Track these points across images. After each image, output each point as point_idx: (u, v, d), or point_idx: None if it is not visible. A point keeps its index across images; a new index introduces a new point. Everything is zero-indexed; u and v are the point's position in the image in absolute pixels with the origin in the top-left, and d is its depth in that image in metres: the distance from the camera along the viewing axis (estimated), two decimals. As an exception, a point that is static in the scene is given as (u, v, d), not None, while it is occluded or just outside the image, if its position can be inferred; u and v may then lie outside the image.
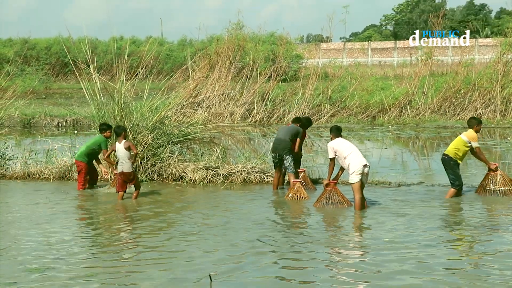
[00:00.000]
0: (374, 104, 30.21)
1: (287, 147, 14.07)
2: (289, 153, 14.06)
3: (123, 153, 13.21)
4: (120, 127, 13.57)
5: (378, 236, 10.12)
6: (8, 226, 10.88)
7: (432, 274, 8.05)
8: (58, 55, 59.84)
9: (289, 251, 9.24)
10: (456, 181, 13.05)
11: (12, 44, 62.49)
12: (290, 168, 14.04)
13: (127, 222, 11.42)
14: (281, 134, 14.37)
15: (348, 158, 12.01)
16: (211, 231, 10.47)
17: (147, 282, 7.85)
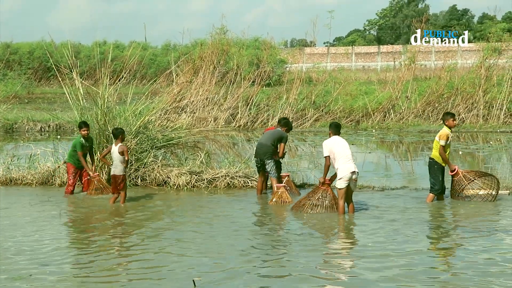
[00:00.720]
0: (358, 109, 30.32)
1: (268, 152, 14.05)
2: (270, 157, 14.03)
3: (117, 156, 13.19)
4: (118, 129, 13.53)
5: (362, 242, 10.15)
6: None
7: (414, 281, 8.07)
8: (41, 59, 59.60)
9: (272, 258, 9.24)
10: (435, 185, 13.11)
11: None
12: (272, 173, 14.03)
13: (112, 228, 11.37)
14: (263, 138, 14.35)
15: (338, 162, 11.98)
16: (195, 236, 10.45)
17: (130, 287, 7.83)
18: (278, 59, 42.99)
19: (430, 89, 30.50)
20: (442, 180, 13.13)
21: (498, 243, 9.86)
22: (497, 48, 30.45)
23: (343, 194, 11.96)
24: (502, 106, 28.87)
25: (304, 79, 32.52)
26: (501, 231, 10.62)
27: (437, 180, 13.07)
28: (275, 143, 14.09)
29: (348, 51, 77.88)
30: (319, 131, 28.51)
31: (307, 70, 40.43)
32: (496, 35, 31.47)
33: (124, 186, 13.31)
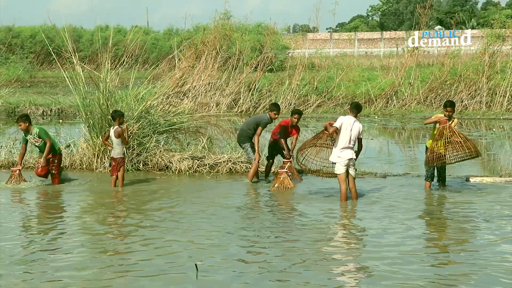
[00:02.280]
0: (360, 95, 30.26)
1: (242, 136, 14.12)
2: (245, 142, 14.06)
3: (114, 139, 13.23)
4: (116, 112, 13.54)
5: (364, 228, 10.17)
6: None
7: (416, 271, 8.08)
8: (43, 43, 59.39)
9: (274, 244, 9.24)
10: (427, 172, 13.08)
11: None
12: (250, 157, 14.05)
13: (113, 212, 11.40)
14: (244, 124, 14.48)
15: (338, 143, 11.97)
16: (196, 221, 10.45)
17: (132, 273, 7.84)
18: (280, 45, 42.87)
19: (433, 76, 30.41)
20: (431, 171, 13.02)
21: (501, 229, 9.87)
22: (501, 34, 30.31)
23: (343, 180, 11.94)
24: (506, 93, 28.78)
25: (306, 65, 32.45)
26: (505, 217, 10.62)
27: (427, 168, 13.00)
28: (252, 128, 14.03)
29: (351, 37, 77.65)
30: (322, 117, 28.46)
31: (309, 56, 40.36)
32: (500, 22, 31.29)
33: (122, 169, 13.29)
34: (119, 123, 13.32)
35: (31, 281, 7.52)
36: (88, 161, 15.40)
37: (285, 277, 7.66)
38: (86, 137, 15.76)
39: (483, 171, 15.56)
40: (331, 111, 29.13)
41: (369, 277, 7.67)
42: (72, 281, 7.49)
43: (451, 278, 7.65)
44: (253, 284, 7.44)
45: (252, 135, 14.03)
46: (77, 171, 15.23)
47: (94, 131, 15.21)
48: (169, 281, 7.53)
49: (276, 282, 7.51)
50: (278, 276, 7.70)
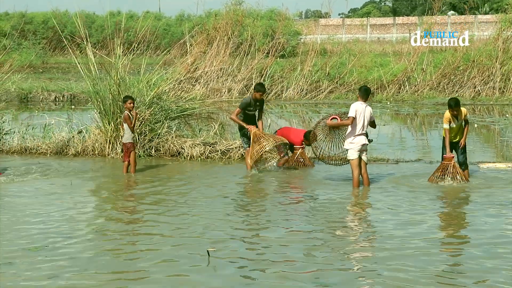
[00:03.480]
0: (372, 81, 30.11)
1: None
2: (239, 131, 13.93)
3: (124, 124, 13.25)
4: (125, 97, 13.55)
5: (375, 214, 10.15)
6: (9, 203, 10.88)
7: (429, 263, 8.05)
8: (55, 29, 59.46)
9: (287, 228, 9.24)
10: None
11: (8, 18, 62.06)
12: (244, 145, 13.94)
13: (123, 198, 11.44)
14: None
15: (352, 131, 11.93)
16: (209, 207, 10.46)
17: (142, 259, 7.85)
18: (292, 31, 42.67)
19: (445, 61, 30.20)
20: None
21: None
22: (514, 19, 30.06)
23: (356, 165, 11.90)
24: (519, 78, 28.58)
25: (318, 51, 32.32)
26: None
27: None
28: None
29: (363, 23, 77.23)
30: (333, 102, 28.40)
31: (321, 41, 40.21)
32: (514, 7, 31.03)
33: (132, 154, 13.25)
34: (128, 108, 13.27)
35: (41, 268, 7.54)
36: (100, 147, 15.41)
37: (292, 262, 7.65)
38: (98, 123, 15.77)
39: (495, 157, 15.47)
40: (343, 97, 29.04)
41: (378, 263, 7.64)
42: (83, 268, 7.50)
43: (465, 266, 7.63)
44: (265, 268, 7.43)
45: (242, 120, 13.73)
46: (89, 157, 15.26)
47: (106, 117, 15.21)
48: (180, 268, 7.52)
49: (285, 266, 7.50)
50: (285, 261, 7.69)
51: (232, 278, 7.19)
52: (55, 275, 7.24)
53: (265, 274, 7.31)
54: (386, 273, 7.28)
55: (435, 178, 12.37)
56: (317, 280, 7.05)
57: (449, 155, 12.41)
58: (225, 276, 7.23)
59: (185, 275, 7.27)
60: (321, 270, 7.37)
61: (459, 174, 12.22)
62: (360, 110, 11.92)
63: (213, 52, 30.76)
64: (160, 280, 7.10)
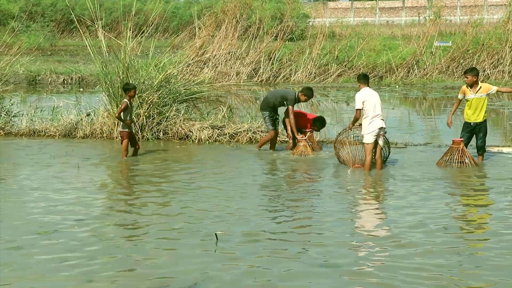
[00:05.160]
0: (381, 64, 29.98)
1: (263, 103, 14.08)
2: (265, 110, 13.95)
3: None
4: (126, 84, 13.50)
5: (386, 199, 10.15)
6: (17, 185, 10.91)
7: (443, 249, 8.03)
8: (63, 11, 59.30)
9: (296, 215, 9.24)
10: None
11: (16, 0, 61.98)
12: (267, 126, 14.06)
13: (134, 181, 11.47)
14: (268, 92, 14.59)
15: (367, 115, 11.83)
16: (216, 191, 10.46)
17: (149, 243, 7.86)
18: (301, 14, 42.47)
19: (455, 45, 30.04)
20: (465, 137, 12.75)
21: None
22: (525, 2, 29.86)
23: (370, 150, 11.85)
24: (529, 62, 28.40)
25: (327, 34, 32.17)
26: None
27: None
28: (278, 101, 13.89)
29: (372, 6, 76.82)
30: (342, 86, 28.31)
31: (330, 25, 40.01)
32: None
33: (124, 143, 13.05)
34: (130, 97, 13.14)
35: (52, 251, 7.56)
36: (109, 130, 15.43)
37: (304, 249, 7.65)
38: (106, 106, 15.77)
39: (505, 141, 15.40)
40: (352, 81, 28.90)
41: (391, 249, 7.63)
42: (88, 253, 7.49)
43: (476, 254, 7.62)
44: (273, 255, 7.42)
45: (273, 105, 13.94)
46: (98, 140, 15.28)
47: (114, 100, 15.20)
48: (188, 251, 7.53)
49: (296, 254, 7.49)
50: (298, 249, 7.69)
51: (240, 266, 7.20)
52: (65, 259, 7.26)
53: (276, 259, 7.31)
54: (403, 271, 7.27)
55: (444, 162, 12.33)
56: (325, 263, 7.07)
57: (458, 139, 12.39)
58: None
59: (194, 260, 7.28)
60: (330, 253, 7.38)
61: (467, 158, 12.17)
62: (366, 95, 11.87)
63: (222, 35, 30.65)
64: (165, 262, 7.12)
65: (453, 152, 12.22)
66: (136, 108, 14.82)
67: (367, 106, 11.80)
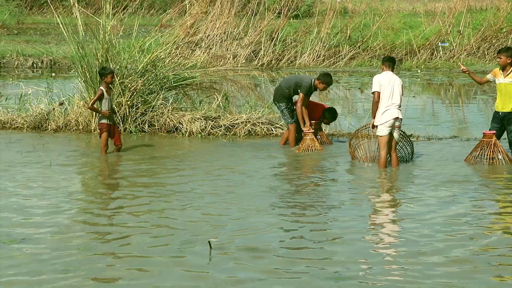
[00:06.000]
0: (400, 45, 29.99)
1: (278, 94, 14.07)
2: (281, 101, 13.97)
3: None
4: (102, 68, 13.45)
5: (403, 201, 10.17)
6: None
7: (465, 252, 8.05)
8: (32, -16, 59.30)
9: (302, 218, 9.26)
10: None
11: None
12: (285, 120, 14.05)
13: (116, 181, 11.48)
14: (282, 80, 14.53)
15: (382, 103, 11.87)
16: (212, 192, 10.47)
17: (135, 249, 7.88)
18: (308, -14, 42.51)
19: (486, 22, 30.05)
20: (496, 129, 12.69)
21: None
22: None
23: (385, 143, 11.85)
24: None
25: (338, 10, 32.14)
26: None
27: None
28: (292, 89, 13.91)
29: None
30: (355, 71, 28.32)
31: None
32: None
33: (103, 136, 13.01)
34: (107, 84, 13.06)
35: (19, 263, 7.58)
36: (85, 121, 15.42)
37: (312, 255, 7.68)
38: (82, 94, 15.76)
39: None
40: (366, 64, 28.94)
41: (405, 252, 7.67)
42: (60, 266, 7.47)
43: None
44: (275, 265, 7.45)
45: (288, 95, 13.96)
46: (73, 133, 15.27)
47: (92, 87, 15.19)
48: (177, 260, 7.55)
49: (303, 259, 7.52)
50: (304, 254, 7.72)
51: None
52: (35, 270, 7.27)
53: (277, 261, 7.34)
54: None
55: (473, 158, 12.34)
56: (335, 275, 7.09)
57: (490, 131, 12.38)
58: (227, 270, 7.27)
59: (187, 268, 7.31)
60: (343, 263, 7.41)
61: (501, 153, 12.18)
62: (385, 80, 11.90)
63: (216, 12, 30.61)
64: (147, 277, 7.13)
65: (484, 146, 12.23)
66: (117, 96, 14.81)
67: (383, 91, 11.82)
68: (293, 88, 13.85)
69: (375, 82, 11.96)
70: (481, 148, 12.26)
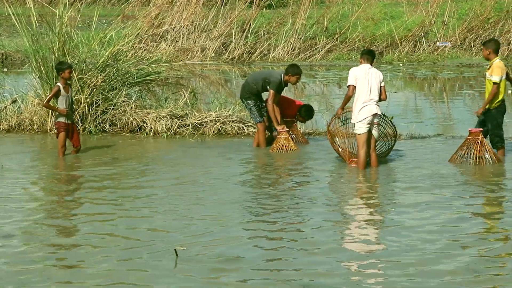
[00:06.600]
0: (381, 37, 30.05)
1: (245, 91, 14.08)
2: (249, 98, 13.96)
3: None
4: (59, 63, 13.36)
5: (384, 204, 10.21)
6: None
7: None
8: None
9: (276, 225, 9.25)
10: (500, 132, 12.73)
11: None
12: (254, 118, 14.06)
13: (74, 186, 11.44)
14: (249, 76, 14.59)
15: (359, 99, 11.89)
16: (177, 196, 10.46)
17: (99, 260, 7.82)
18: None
19: (472, 12, 30.19)
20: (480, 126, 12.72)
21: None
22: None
23: (364, 142, 11.86)
24: None
25: (314, 0, 32.20)
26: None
27: None
28: (260, 85, 13.90)
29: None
30: (333, 64, 28.35)
31: (318, -12, 40.01)
32: None
33: (61, 136, 12.91)
34: (64, 79, 12.96)
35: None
36: (41, 120, 15.33)
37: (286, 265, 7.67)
38: (37, 91, 15.67)
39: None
40: (345, 57, 28.96)
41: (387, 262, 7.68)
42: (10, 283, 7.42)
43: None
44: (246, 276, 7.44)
45: (256, 92, 13.94)
46: (26, 133, 15.17)
47: (48, 83, 15.10)
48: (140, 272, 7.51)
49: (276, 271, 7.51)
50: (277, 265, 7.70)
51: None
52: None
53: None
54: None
55: (458, 158, 12.39)
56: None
57: (476, 129, 12.40)
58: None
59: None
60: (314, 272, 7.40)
61: (488, 152, 12.22)
62: (361, 73, 11.94)
63: (183, 2, 30.54)
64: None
65: (470, 145, 12.28)
66: (76, 93, 14.73)
67: (360, 86, 11.84)
68: (261, 84, 13.84)
69: (351, 75, 12.01)
70: (467, 147, 12.30)
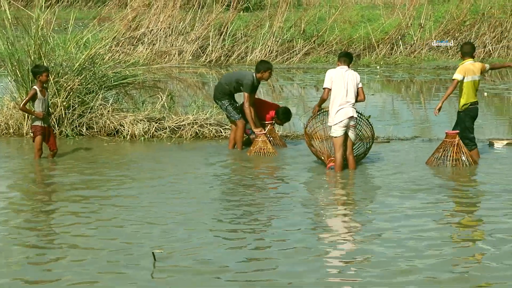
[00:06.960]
0: (358, 40, 30.11)
1: (217, 91, 14.12)
2: (222, 98, 14.00)
3: None
4: (35, 66, 13.28)
5: (361, 206, 10.21)
6: None
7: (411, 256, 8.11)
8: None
9: (251, 228, 9.24)
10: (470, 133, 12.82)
11: None
12: (232, 116, 14.04)
13: (51, 191, 11.42)
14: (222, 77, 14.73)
15: (334, 101, 11.91)
16: (154, 201, 10.42)
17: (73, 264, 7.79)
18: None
19: (449, 15, 30.33)
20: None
21: None
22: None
23: (340, 145, 11.89)
24: (539, 36, 28.82)
25: (291, 2, 32.21)
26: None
27: None
28: (233, 86, 13.96)
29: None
30: (310, 67, 28.36)
31: (295, -10, 40.04)
32: None
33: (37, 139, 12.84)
34: (42, 82, 12.88)
35: None
36: (16, 124, 15.25)
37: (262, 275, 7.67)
38: (12, 94, 15.59)
39: (511, 132, 15.62)
40: (322, 60, 28.99)
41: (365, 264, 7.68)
42: None
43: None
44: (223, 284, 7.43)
45: (229, 92, 13.95)
46: (2, 137, 15.09)
47: (23, 86, 15.03)
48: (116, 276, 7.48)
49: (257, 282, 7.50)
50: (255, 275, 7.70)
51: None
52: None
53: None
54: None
55: (435, 160, 12.43)
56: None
57: (453, 131, 12.47)
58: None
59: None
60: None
61: (464, 155, 12.27)
62: (338, 75, 11.98)
63: (160, 4, 30.48)
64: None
65: (447, 147, 12.32)
66: (52, 97, 14.66)
67: (336, 88, 11.86)
68: (234, 85, 13.92)
69: (327, 78, 12.09)
70: (443, 149, 12.35)
